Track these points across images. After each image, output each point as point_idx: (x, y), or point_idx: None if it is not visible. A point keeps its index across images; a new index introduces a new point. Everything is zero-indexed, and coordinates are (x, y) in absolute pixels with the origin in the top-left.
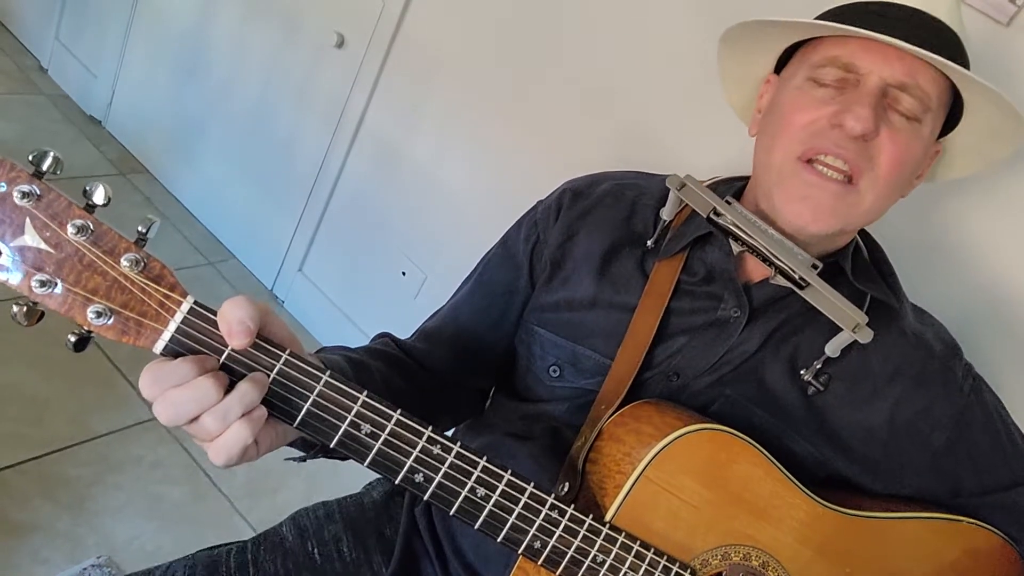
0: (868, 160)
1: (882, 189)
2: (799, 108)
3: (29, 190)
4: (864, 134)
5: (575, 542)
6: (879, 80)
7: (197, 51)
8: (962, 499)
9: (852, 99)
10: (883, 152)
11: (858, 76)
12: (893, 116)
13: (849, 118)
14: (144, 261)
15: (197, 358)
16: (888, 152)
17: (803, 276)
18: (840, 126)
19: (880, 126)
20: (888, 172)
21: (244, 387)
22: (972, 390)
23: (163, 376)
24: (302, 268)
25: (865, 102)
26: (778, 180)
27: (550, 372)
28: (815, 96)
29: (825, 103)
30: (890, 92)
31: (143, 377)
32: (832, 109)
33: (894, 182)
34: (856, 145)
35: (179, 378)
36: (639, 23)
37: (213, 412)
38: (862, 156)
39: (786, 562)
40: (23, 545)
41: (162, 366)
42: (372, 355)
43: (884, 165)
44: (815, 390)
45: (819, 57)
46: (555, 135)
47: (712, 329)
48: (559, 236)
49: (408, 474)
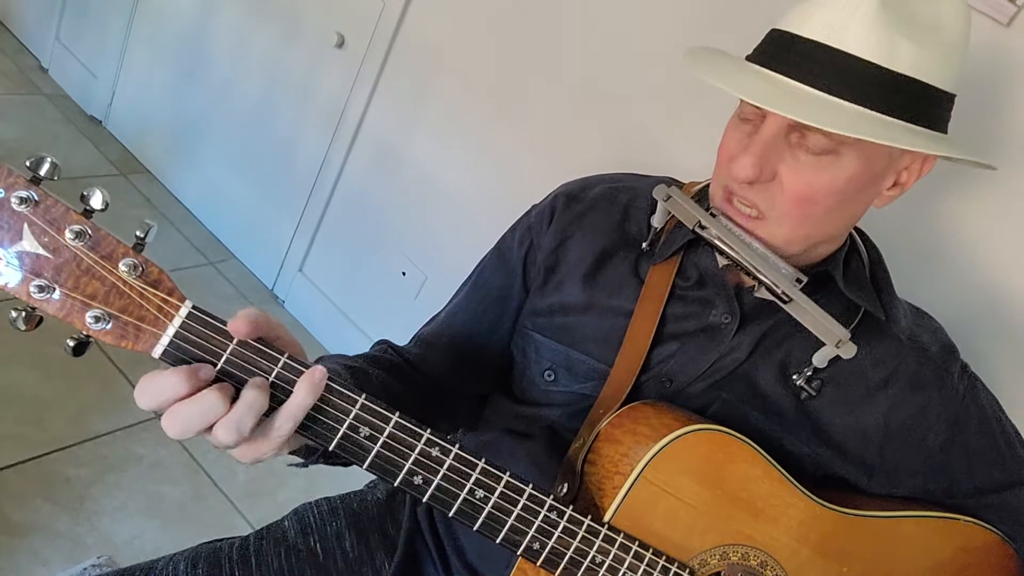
0: (768, 200)
1: (793, 222)
2: (725, 144)
3: (27, 195)
4: (749, 181)
5: (574, 543)
6: (776, 122)
7: (197, 51)
8: (958, 499)
9: (748, 144)
10: (783, 191)
11: (764, 114)
12: (799, 153)
13: (735, 167)
14: (142, 266)
15: (190, 368)
16: (788, 191)
17: (785, 291)
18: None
19: (778, 168)
20: (791, 208)
21: (250, 395)
22: (968, 391)
23: (156, 389)
24: (302, 268)
25: (752, 150)
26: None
27: (545, 376)
28: (736, 134)
29: (739, 141)
30: (797, 128)
31: (138, 393)
32: (736, 152)
33: (805, 215)
34: (754, 188)
35: (173, 390)
36: (639, 24)
37: (224, 424)
38: (760, 197)
39: (784, 561)
40: (23, 545)
41: (154, 379)
42: (370, 362)
43: (786, 203)
44: (807, 395)
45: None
46: (555, 135)
47: (703, 335)
48: (553, 240)
49: (407, 476)
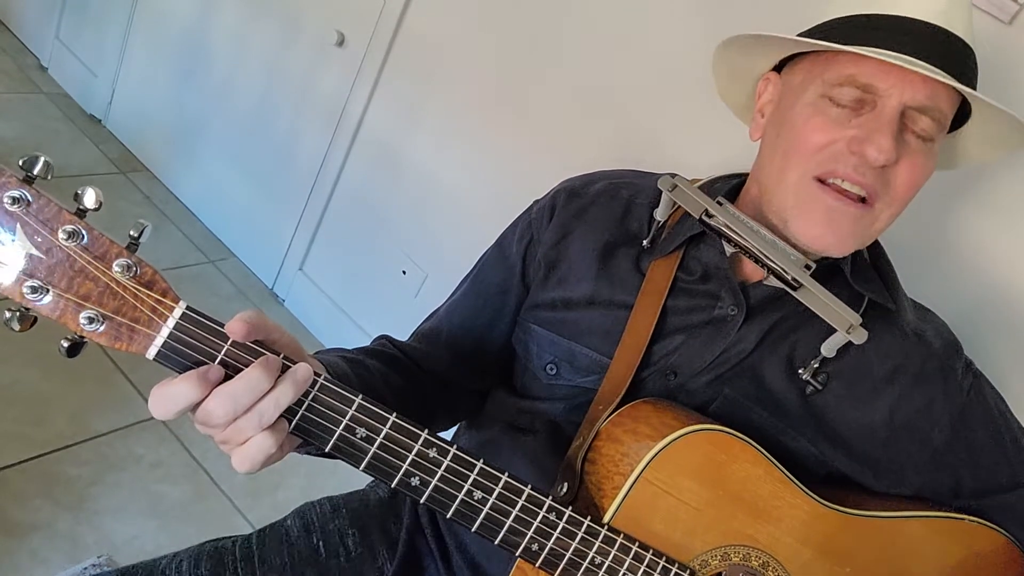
0: (884, 185)
1: (897, 208)
2: (815, 128)
3: (19, 195)
4: (885, 164)
5: (573, 544)
6: (898, 103)
7: (197, 49)
8: (963, 499)
9: (872, 126)
10: (899, 177)
11: (876, 97)
12: (909, 137)
13: (872, 149)
14: (136, 266)
15: (198, 371)
16: (904, 177)
17: (796, 277)
18: (860, 153)
19: (899, 153)
20: (903, 195)
21: (280, 387)
22: (973, 388)
23: (170, 399)
24: (303, 267)
25: (886, 131)
26: (796, 203)
27: (547, 370)
28: (831, 116)
29: (842, 125)
30: (908, 113)
31: (153, 405)
32: (851, 133)
33: (908, 201)
34: (874, 172)
35: (186, 397)
36: (639, 23)
37: (248, 416)
38: (879, 181)
39: (786, 562)
40: (23, 545)
41: (166, 389)
42: (369, 355)
43: (899, 188)
44: (813, 389)
45: (834, 75)
46: (555, 134)
47: (709, 328)
48: (554, 236)
49: (404, 478)
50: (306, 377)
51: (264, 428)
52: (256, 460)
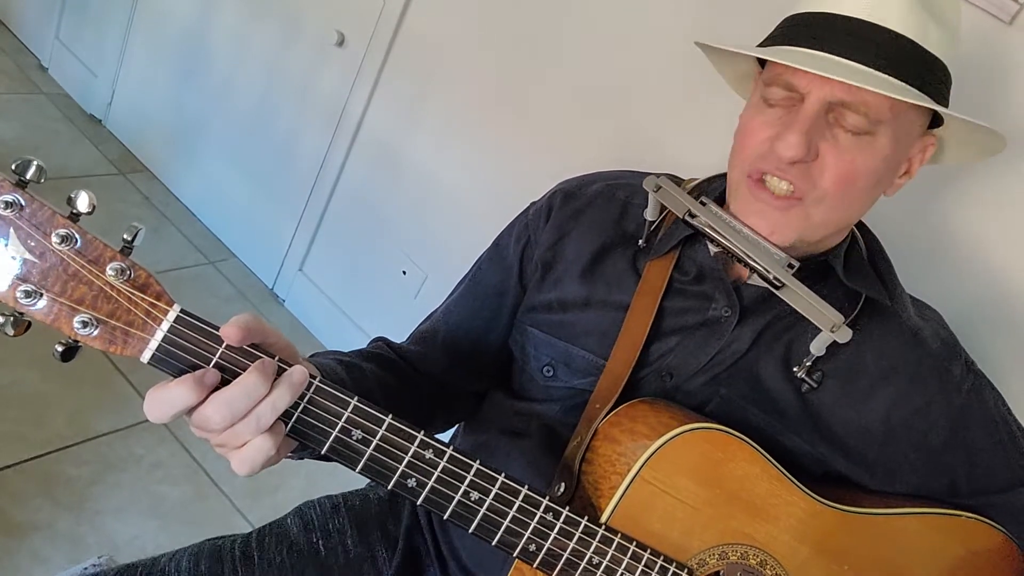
0: (809, 180)
1: (832, 203)
2: (750, 129)
3: (12, 200)
4: (794, 160)
5: (570, 544)
6: (818, 100)
7: (197, 50)
8: (961, 499)
9: (787, 123)
10: (826, 171)
11: (802, 95)
12: (838, 132)
13: (780, 146)
14: (130, 270)
15: (194, 375)
16: (832, 171)
17: (777, 276)
18: (773, 150)
19: (820, 146)
20: (834, 188)
21: (276, 391)
22: (972, 389)
23: (166, 402)
24: (303, 267)
25: (796, 128)
26: (735, 195)
27: (544, 372)
28: (763, 117)
29: (770, 125)
30: (835, 109)
31: (147, 407)
32: (773, 132)
33: (844, 195)
34: (795, 168)
35: (183, 401)
36: (639, 23)
37: (246, 420)
38: (802, 177)
39: (784, 560)
40: (23, 545)
41: (161, 392)
42: (365, 357)
43: (827, 182)
44: (808, 387)
45: (768, 75)
46: (555, 134)
47: (704, 329)
48: (550, 237)
49: (400, 479)
50: (302, 380)
51: (262, 432)
52: (255, 463)
